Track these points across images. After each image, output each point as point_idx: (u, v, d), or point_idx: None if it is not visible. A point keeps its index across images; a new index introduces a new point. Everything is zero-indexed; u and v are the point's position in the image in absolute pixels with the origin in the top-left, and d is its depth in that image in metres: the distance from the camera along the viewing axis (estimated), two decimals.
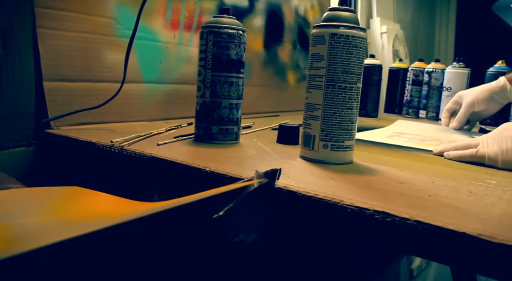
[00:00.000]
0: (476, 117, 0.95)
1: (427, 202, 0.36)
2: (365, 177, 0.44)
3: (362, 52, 0.49)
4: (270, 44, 1.11)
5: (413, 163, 0.55)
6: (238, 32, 0.57)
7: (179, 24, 0.86)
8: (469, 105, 0.92)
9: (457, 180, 0.46)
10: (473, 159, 0.58)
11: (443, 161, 0.59)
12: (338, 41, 0.48)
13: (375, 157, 0.58)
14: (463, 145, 0.61)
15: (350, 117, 0.49)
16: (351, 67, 0.48)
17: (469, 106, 0.92)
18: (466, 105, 0.93)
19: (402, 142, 0.74)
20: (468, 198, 0.39)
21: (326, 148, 0.49)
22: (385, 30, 1.73)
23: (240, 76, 0.59)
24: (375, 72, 1.15)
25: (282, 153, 0.55)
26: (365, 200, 0.35)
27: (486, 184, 0.45)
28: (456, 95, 0.97)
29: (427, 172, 0.49)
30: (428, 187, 0.42)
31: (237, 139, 0.60)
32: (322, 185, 0.40)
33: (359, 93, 0.50)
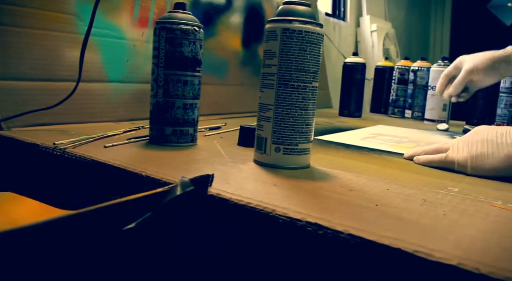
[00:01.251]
0: (474, 86, 0.90)
1: (371, 213, 0.33)
2: (314, 183, 0.41)
3: (317, 49, 0.46)
4: (249, 43, 1.08)
5: (377, 168, 0.52)
6: (193, 28, 0.54)
7: (148, 21, 0.83)
8: (468, 71, 0.86)
9: (416, 187, 0.43)
10: (442, 164, 0.54)
11: (411, 166, 0.55)
12: (291, 37, 0.44)
13: (338, 161, 0.55)
14: (433, 149, 0.58)
15: (305, 118, 0.46)
16: (305, 65, 0.45)
17: (468, 73, 0.86)
18: (465, 72, 0.86)
19: (376, 144, 0.70)
20: (419, 207, 0.35)
21: (278, 151, 0.46)
22: (375, 28, 1.70)
23: (196, 75, 0.56)
24: (358, 71, 1.11)
25: (237, 156, 0.52)
26: (302, 210, 0.32)
27: (447, 192, 0.41)
28: (457, 59, 0.91)
29: (387, 178, 0.46)
30: (380, 195, 0.38)
31: (194, 141, 0.57)
32: (261, 192, 0.37)
33: (315, 93, 0.47)
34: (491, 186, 0.45)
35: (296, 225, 0.31)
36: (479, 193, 0.42)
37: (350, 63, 1.12)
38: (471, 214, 0.34)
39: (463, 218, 0.33)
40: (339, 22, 1.67)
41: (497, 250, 0.27)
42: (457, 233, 0.30)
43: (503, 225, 0.32)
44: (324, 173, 0.46)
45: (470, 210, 0.35)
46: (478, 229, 0.31)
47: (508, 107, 0.97)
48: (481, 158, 0.50)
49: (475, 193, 0.42)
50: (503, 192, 0.43)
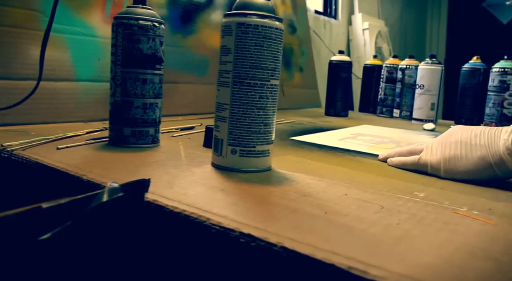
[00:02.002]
0: None
1: (317, 221, 0.30)
2: (267, 188, 0.38)
3: (276, 44, 0.43)
4: None
5: (345, 170, 0.49)
6: (153, 24, 0.51)
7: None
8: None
9: (380, 191, 0.40)
10: (415, 167, 0.51)
11: (383, 169, 0.53)
12: (246, 32, 0.42)
13: (306, 163, 0.52)
14: (407, 151, 0.55)
15: (263, 118, 0.43)
16: (262, 62, 0.42)
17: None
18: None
19: (354, 145, 0.68)
20: (373, 215, 0.33)
21: (234, 153, 0.43)
22: (367, 26, 1.67)
23: (156, 73, 0.53)
24: (344, 69, 1.08)
25: (197, 158, 0.49)
26: (242, 219, 0.30)
27: (410, 197, 0.39)
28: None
29: (352, 182, 0.43)
30: (335, 201, 0.36)
31: (155, 142, 0.54)
32: (204, 198, 0.34)
33: (274, 92, 0.44)
34: (462, 190, 0.43)
35: (229, 235, 0.28)
36: (446, 198, 0.39)
37: (336, 61, 1.09)
38: (428, 223, 0.32)
39: (417, 227, 0.30)
40: (330, 20, 1.64)
41: (445, 267, 0.25)
42: (405, 246, 0.27)
43: (460, 236, 0.29)
44: (283, 177, 0.43)
45: (429, 219, 0.33)
46: (430, 241, 0.28)
47: (497, 106, 0.94)
48: (454, 161, 0.48)
49: (442, 198, 0.39)
50: (473, 197, 0.40)
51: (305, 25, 1.39)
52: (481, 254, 0.27)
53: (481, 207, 0.37)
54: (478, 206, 0.37)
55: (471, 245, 0.28)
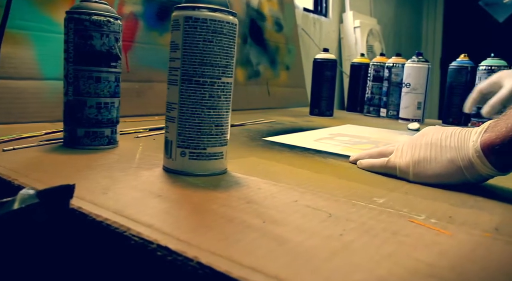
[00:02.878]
0: None
1: (250, 233, 0.28)
2: (211, 194, 0.35)
3: (228, 39, 0.40)
4: None
5: (308, 173, 0.46)
6: (106, 19, 0.49)
7: None
8: None
9: (335, 197, 0.37)
10: (384, 169, 0.49)
11: (351, 171, 0.50)
12: (194, 26, 0.39)
13: (269, 165, 0.49)
14: (378, 153, 0.52)
15: (214, 119, 0.41)
16: (212, 58, 0.39)
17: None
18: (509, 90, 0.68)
19: (328, 146, 0.65)
20: (317, 225, 0.30)
21: (183, 156, 0.40)
22: (358, 24, 1.64)
23: (112, 71, 0.50)
24: (329, 68, 1.05)
25: (152, 161, 0.46)
26: (169, 229, 0.27)
27: (367, 204, 0.36)
28: (495, 75, 0.74)
29: (308, 187, 0.40)
30: (279, 209, 0.33)
31: (112, 143, 0.52)
32: (137, 205, 0.31)
33: (227, 90, 0.41)
34: (427, 196, 0.40)
35: (147, 248, 0.25)
36: (407, 204, 0.36)
37: (320, 59, 1.06)
38: (376, 233, 0.29)
39: (362, 238, 0.28)
40: (319, 18, 1.61)
41: None
42: (340, 261, 0.24)
43: (406, 248, 0.27)
44: (235, 181, 0.40)
45: (378, 228, 0.30)
46: (371, 255, 0.25)
47: None
48: (424, 164, 0.45)
49: (403, 204, 0.36)
50: (437, 203, 0.38)
51: (292, 23, 1.36)
52: (424, 270, 0.24)
53: (442, 214, 0.34)
54: (439, 213, 0.34)
55: (416, 259, 0.25)
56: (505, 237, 0.30)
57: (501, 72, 0.74)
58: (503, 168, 0.41)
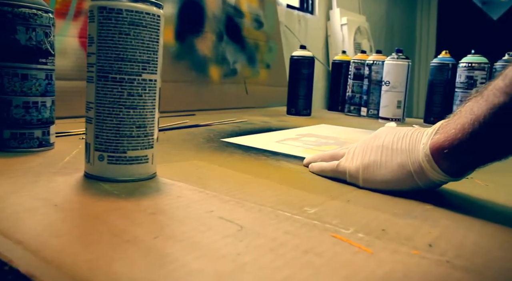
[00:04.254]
0: None
1: (135, 251, 0.24)
2: (116, 204, 0.32)
3: (148, 32, 0.36)
4: (185, 35, 0.99)
5: (248, 178, 0.43)
6: (32, 11, 0.45)
7: None
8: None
9: (261, 207, 0.33)
10: (334, 174, 0.45)
11: (300, 176, 0.46)
12: (109, 18, 0.35)
13: (208, 170, 0.45)
14: (330, 155, 0.48)
15: (135, 119, 0.37)
16: (130, 53, 0.36)
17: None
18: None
19: (289, 147, 0.61)
20: (217, 241, 0.26)
21: (102, 160, 0.37)
22: (345, 21, 1.60)
23: (42, 68, 0.46)
24: (305, 65, 1.02)
25: (78, 165, 0.42)
26: (38, 245, 0.23)
27: (293, 215, 0.32)
28: None
29: (236, 194, 0.36)
30: (187, 221, 0.29)
31: (45, 145, 0.48)
32: (19, 217, 0.27)
33: (150, 88, 0.37)
34: (370, 204, 0.36)
35: (3, 269, 0.22)
36: (340, 215, 0.32)
37: (297, 56, 1.02)
38: (283, 252, 0.25)
39: (261, 259, 0.24)
40: (305, 15, 1.57)
41: None
42: None
43: (308, 272, 0.23)
44: (157, 188, 0.37)
45: (288, 246, 0.26)
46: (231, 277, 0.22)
47: None
48: (373, 168, 0.41)
49: (335, 215, 0.32)
50: (377, 213, 0.34)
51: (273, 19, 1.32)
52: None
53: (375, 227, 0.30)
54: (373, 226, 0.30)
55: None
56: (435, 255, 0.26)
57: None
58: (456, 173, 0.37)
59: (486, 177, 0.49)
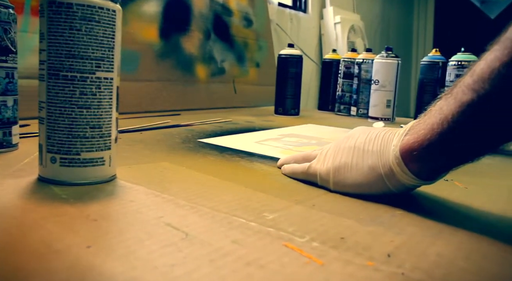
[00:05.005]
0: None
1: (55, 264, 0.22)
2: (57, 209, 0.30)
3: (102, 28, 0.34)
4: (170, 33, 0.97)
5: (212, 182, 0.41)
6: None
7: (23, 7, 0.73)
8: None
9: (215, 212, 0.31)
10: (305, 176, 0.43)
11: (272, 178, 0.44)
12: (58, 12, 0.33)
13: (175, 172, 0.43)
14: (302, 157, 0.46)
15: (89, 119, 0.35)
16: (82, 50, 0.34)
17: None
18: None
19: (267, 148, 0.59)
20: (152, 252, 0.24)
21: (54, 162, 0.35)
22: (338, 20, 1.58)
23: (2, 66, 0.44)
24: (293, 64, 1.00)
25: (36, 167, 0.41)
26: None
27: (248, 221, 0.30)
28: None
29: (195, 199, 0.34)
30: (131, 228, 0.27)
31: (7, 147, 0.46)
32: None
33: (104, 87, 0.35)
34: (335, 210, 0.34)
35: None
36: (298, 222, 0.30)
37: (284, 55, 1.00)
38: (222, 264, 0.23)
39: (197, 271, 0.22)
40: (297, 14, 1.55)
41: None
42: None
43: None
44: (111, 191, 0.35)
45: (232, 256, 0.24)
46: None
47: None
48: (344, 171, 0.39)
49: (293, 222, 0.30)
50: (340, 219, 0.32)
51: (264, 18, 1.30)
52: None
53: (334, 235, 0.28)
54: (331, 234, 0.29)
55: None
56: (391, 267, 0.24)
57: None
58: (427, 177, 0.35)
59: (467, 179, 0.47)
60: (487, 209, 0.37)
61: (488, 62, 0.30)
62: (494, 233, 0.31)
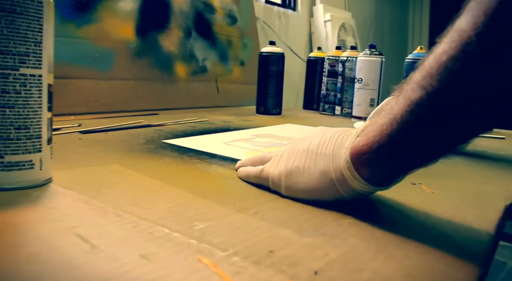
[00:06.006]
0: None
1: None
2: None
3: (26, 21, 0.32)
4: (147, 31, 0.94)
5: (156, 187, 0.38)
6: None
7: None
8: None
9: (141, 221, 0.29)
10: (258, 180, 0.40)
11: (220, 183, 0.41)
12: None
13: (120, 176, 0.41)
14: (259, 159, 0.43)
15: (13, 120, 0.32)
16: (2, 44, 0.31)
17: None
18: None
19: (232, 149, 0.56)
20: (41, 265, 0.21)
21: None
22: (328, 18, 1.55)
23: None
24: (275, 62, 0.97)
25: None
26: None
27: (172, 232, 0.27)
28: None
29: (123, 207, 0.32)
30: (32, 241, 0.25)
31: None
32: None
33: (30, 85, 0.33)
34: (278, 219, 0.31)
35: None
36: (228, 233, 0.28)
37: (266, 53, 0.97)
38: None
39: None
40: (286, 12, 1.52)
41: None
42: None
43: None
44: (36, 197, 0.32)
45: (133, 274, 0.21)
46: None
47: None
48: (296, 175, 0.36)
49: (222, 233, 0.28)
50: (278, 230, 0.29)
51: (249, 15, 1.27)
52: None
53: (262, 248, 0.26)
54: (259, 247, 0.26)
55: None
56: None
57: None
58: (380, 182, 0.32)
59: (437, 182, 0.45)
60: (447, 217, 0.34)
61: (436, 56, 0.27)
62: (444, 245, 0.28)
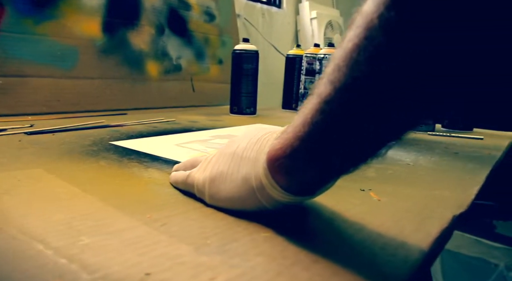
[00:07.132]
0: None
1: None
2: None
3: None
4: (115, 28, 0.91)
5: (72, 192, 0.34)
6: None
7: None
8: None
9: (15, 235, 0.25)
10: (184, 186, 0.37)
11: (149, 189, 0.38)
12: None
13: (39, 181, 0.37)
14: (191, 163, 0.40)
15: None
16: None
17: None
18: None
19: (181, 151, 0.53)
20: None
21: None
22: (314, 15, 1.51)
23: None
24: (249, 60, 0.93)
25: None
26: None
27: (47, 249, 0.24)
28: None
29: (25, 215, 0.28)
30: None
31: None
32: None
33: None
34: (184, 232, 0.28)
35: None
36: (113, 250, 0.24)
37: (239, 50, 0.94)
38: None
39: None
40: (270, 9, 1.48)
41: None
42: None
43: None
44: None
45: None
46: None
47: None
48: (219, 181, 0.33)
49: (104, 251, 0.24)
50: (175, 246, 0.26)
51: (228, 12, 1.23)
52: None
53: (138, 270, 0.22)
54: (139, 269, 0.22)
55: None
56: None
57: None
58: (300, 191, 0.29)
59: (388, 188, 0.42)
60: (383, 230, 0.31)
61: (343, 46, 0.23)
62: (362, 265, 0.25)
